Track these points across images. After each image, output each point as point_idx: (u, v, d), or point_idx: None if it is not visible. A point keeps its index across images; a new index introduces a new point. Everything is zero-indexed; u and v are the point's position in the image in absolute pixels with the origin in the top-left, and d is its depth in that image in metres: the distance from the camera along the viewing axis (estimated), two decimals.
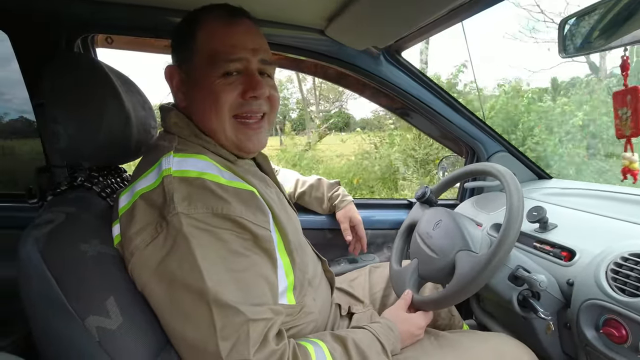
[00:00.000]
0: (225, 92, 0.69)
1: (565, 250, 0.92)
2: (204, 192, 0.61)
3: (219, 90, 0.68)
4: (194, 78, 0.71)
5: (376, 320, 0.82)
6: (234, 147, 0.73)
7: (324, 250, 1.03)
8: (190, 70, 0.71)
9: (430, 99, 1.33)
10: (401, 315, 0.84)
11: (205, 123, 0.71)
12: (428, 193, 1.09)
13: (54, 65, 0.70)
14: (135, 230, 0.59)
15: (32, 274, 0.57)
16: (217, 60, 0.68)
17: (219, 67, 0.68)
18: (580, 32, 0.80)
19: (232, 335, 0.55)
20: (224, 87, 0.69)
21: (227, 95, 0.69)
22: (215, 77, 0.68)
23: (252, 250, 0.62)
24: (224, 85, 0.69)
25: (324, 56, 1.23)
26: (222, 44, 0.69)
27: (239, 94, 0.70)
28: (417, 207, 1.13)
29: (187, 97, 0.73)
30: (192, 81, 0.71)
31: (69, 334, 0.55)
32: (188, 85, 0.72)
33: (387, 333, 0.76)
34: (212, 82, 0.68)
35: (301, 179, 1.30)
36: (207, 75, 0.69)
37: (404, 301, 0.88)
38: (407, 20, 0.96)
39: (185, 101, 0.73)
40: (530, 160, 1.47)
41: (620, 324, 0.73)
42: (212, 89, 0.68)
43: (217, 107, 0.69)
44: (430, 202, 1.10)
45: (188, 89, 0.73)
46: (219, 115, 0.70)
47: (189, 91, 0.72)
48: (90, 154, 0.73)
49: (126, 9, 1.03)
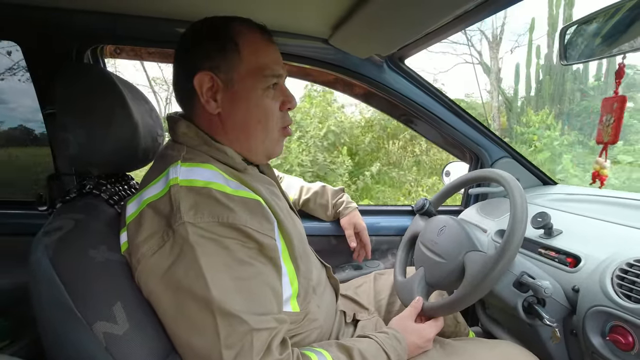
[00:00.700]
0: (271, 105, 0.74)
1: (570, 256, 0.92)
2: (210, 202, 0.61)
3: (267, 102, 0.73)
4: (236, 89, 0.71)
5: (383, 330, 0.80)
6: (264, 156, 0.78)
7: (328, 257, 1.04)
8: (232, 79, 0.71)
9: (434, 106, 1.34)
10: (410, 326, 0.83)
11: (240, 131, 0.73)
12: (427, 205, 1.09)
13: (65, 75, 0.72)
14: (142, 239, 0.60)
15: (42, 280, 0.58)
16: (266, 75, 0.72)
17: (266, 81, 0.72)
18: (581, 39, 0.81)
19: (236, 344, 0.55)
20: (269, 100, 0.73)
21: (273, 107, 0.74)
22: (261, 89, 0.72)
23: (257, 259, 0.63)
24: (269, 98, 0.73)
25: (328, 64, 1.25)
26: (268, 60, 0.73)
27: (278, 106, 0.75)
28: (417, 219, 1.12)
29: (222, 104, 0.72)
30: (232, 90, 0.71)
31: (77, 339, 0.56)
32: (225, 92, 0.71)
33: (394, 344, 0.75)
34: (258, 94, 0.72)
35: (305, 186, 1.31)
36: (253, 87, 0.71)
37: (414, 309, 0.86)
38: (410, 28, 0.97)
39: (219, 108, 0.72)
40: (535, 166, 1.47)
41: (627, 330, 0.72)
42: (259, 100, 0.72)
43: (265, 118, 0.73)
44: (429, 214, 1.10)
45: (225, 96, 0.71)
46: (265, 125, 0.74)
47: (227, 100, 0.71)
48: (99, 162, 0.74)
49: (135, 21, 1.05)
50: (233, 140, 0.74)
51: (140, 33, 1.10)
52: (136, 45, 1.16)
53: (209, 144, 0.72)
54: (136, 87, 0.85)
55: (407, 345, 0.77)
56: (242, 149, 0.75)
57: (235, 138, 0.74)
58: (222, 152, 0.72)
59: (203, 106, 0.71)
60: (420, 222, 1.09)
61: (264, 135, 0.75)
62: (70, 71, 0.73)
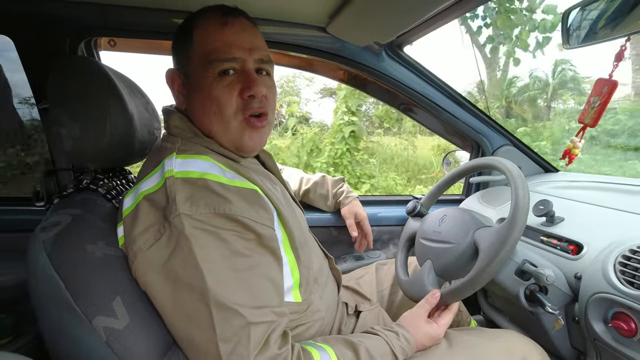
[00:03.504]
0: (224, 93, 0.68)
1: (572, 243, 0.92)
2: (206, 193, 0.61)
3: (218, 92, 0.68)
4: (192, 80, 0.71)
5: (393, 328, 0.76)
6: (234, 148, 0.73)
7: (329, 248, 1.03)
8: (189, 73, 0.71)
9: (434, 94, 1.33)
10: (422, 327, 0.78)
11: (206, 125, 0.71)
12: (418, 207, 1.08)
13: (58, 69, 0.70)
14: (139, 232, 0.60)
15: (40, 276, 0.58)
16: (212, 60, 0.67)
17: (214, 67, 0.67)
18: (585, 22, 0.79)
19: (233, 338, 0.55)
20: (223, 89, 0.68)
21: (226, 96, 0.68)
22: (211, 77, 0.68)
23: (256, 250, 0.62)
24: (222, 86, 0.68)
25: (326, 53, 1.23)
26: (217, 44, 0.68)
27: (237, 94, 0.69)
28: (411, 221, 1.11)
29: (187, 99, 0.73)
30: (190, 84, 0.71)
31: (77, 334, 0.56)
32: (187, 88, 0.72)
33: (404, 345, 0.73)
34: (209, 84, 0.68)
35: (305, 177, 1.30)
36: (204, 77, 0.68)
37: (428, 304, 0.81)
38: (408, 15, 0.96)
39: (186, 104, 0.74)
40: (536, 154, 1.46)
41: (630, 317, 0.72)
42: (211, 90, 0.68)
43: (220, 108, 0.68)
44: (421, 215, 1.08)
45: (188, 91, 0.72)
46: (222, 117, 0.69)
47: (189, 94, 0.72)
48: (95, 157, 0.74)
49: (129, 12, 1.04)
50: (208, 132, 0.72)
51: (134, 25, 1.08)
52: (131, 37, 1.14)
53: (199, 136, 0.71)
54: (132, 80, 0.84)
55: (415, 347, 0.76)
56: (219, 141, 0.72)
57: (205, 131, 0.72)
58: (212, 144, 0.71)
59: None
60: (415, 223, 1.07)
61: (222, 127, 0.70)
62: (63, 64, 0.72)
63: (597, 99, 0.72)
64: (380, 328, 0.76)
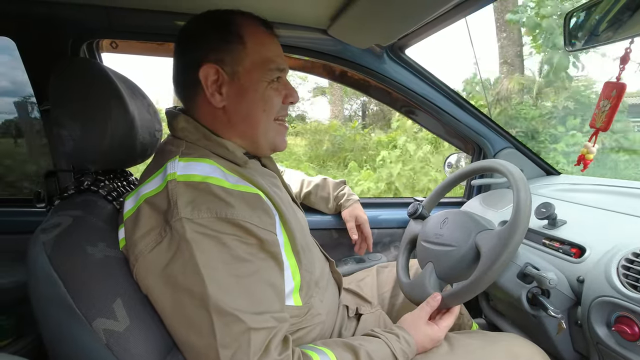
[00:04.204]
0: (275, 97, 0.74)
1: (575, 246, 0.91)
2: (209, 197, 0.60)
3: (271, 94, 0.73)
4: (241, 81, 0.71)
5: (393, 330, 0.76)
6: (268, 148, 0.78)
7: (330, 250, 1.03)
8: (238, 74, 0.71)
9: (435, 96, 1.32)
10: (422, 329, 0.78)
11: (245, 124, 0.73)
12: (420, 209, 1.07)
13: (59, 71, 0.70)
14: (140, 235, 0.60)
15: (40, 277, 0.57)
16: (272, 68, 0.72)
17: (271, 74, 0.72)
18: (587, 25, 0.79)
19: (233, 343, 0.54)
20: (274, 92, 0.73)
21: (276, 100, 0.74)
22: (266, 82, 0.72)
23: (257, 255, 0.62)
24: (274, 90, 0.73)
25: (327, 56, 1.23)
26: (273, 53, 0.73)
27: (281, 100, 0.75)
28: (412, 223, 1.10)
29: (227, 97, 0.71)
30: (239, 84, 0.71)
31: (77, 336, 0.56)
32: (231, 87, 0.71)
33: (404, 348, 0.72)
34: (264, 87, 0.72)
35: (307, 179, 1.30)
36: (258, 80, 0.72)
37: (429, 307, 0.81)
38: (410, 17, 0.96)
39: (224, 101, 0.71)
40: (538, 156, 1.45)
41: (633, 321, 0.71)
42: (265, 93, 0.72)
43: (268, 109, 0.73)
44: (422, 217, 1.08)
45: (230, 89, 0.71)
46: (268, 117, 0.74)
47: (232, 93, 0.71)
48: (96, 158, 0.74)
49: (132, 14, 1.04)
50: (239, 132, 0.74)
51: (137, 27, 1.09)
52: (133, 39, 1.15)
53: (209, 138, 0.71)
54: (133, 82, 0.84)
55: (415, 348, 0.75)
56: (247, 141, 0.75)
57: (242, 130, 0.74)
58: (222, 147, 0.71)
59: (206, 100, 0.71)
60: (417, 226, 1.07)
61: (267, 127, 0.75)
62: (65, 66, 0.72)
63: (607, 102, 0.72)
64: (380, 330, 0.75)
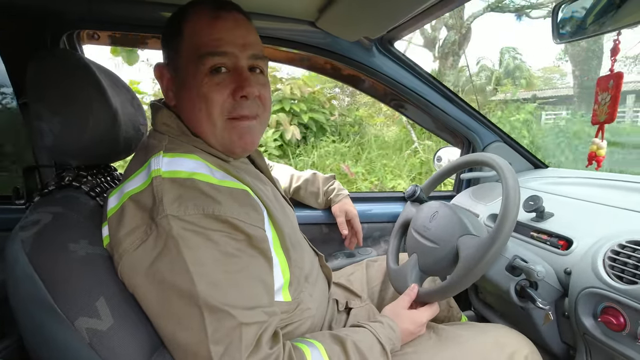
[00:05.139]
0: (214, 92, 0.65)
1: (562, 239, 0.92)
2: (195, 193, 0.59)
3: (208, 89, 0.65)
4: (181, 76, 0.68)
5: (377, 318, 0.79)
6: (223, 149, 0.70)
7: (320, 245, 1.03)
8: (178, 69, 0.68)
9: (424, 90, 1.32)
10: (403, 313, 0.82)
11: (194, 123, 0.68)
12: (418, 192, 1.09)
13: (38, 62, 0.68)
14: (125, 233, 0.58)
15: (19, 276, 0.55)
16: (202, 55, 0.64)
17: (205, 63, 0.64)
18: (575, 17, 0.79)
19: (224, 339, 0.54)
20: (213, 87, 0.65)
21: (217, 95, 0.65)
22: (202, 74, 0.65)
23: (246, 251, 0.61)
24: (212, 84, 0.65)
25: (315, 48, 1.21)
26: (207, 38, 0.65)
27: (229, 94, 0.66)
28: (409, 206, 1.12)
29: (176, 96, 0.70)
30: (180, 80, 0.69)
31: (59, 336, 0.54)
32: (177, 84, 0.69)
33: (389, 333, 0.74)
34: (200, 81, 0.65)
35: (296, 174, 1.29)
36: (194, 73, 0.65)
37: (408, 297, 0.85)
38: (398, 10, 0.95)
39: (175, 100, 0.71)
40: (526, 150, 1.47)
41: (618, 311, 0.72)
42: (201, 88, 0.65)
43: (208, 107, 0.65)
44: (420, 200, 1.10)
45: (177, 87, 0.70)
46: (209, 116, 0.66)
47: (178, 90, 0.69)
48: (78, 153, 0.71)
49: (113, 4, 1.01)
50: (199, 132, 0.69)
51: (119, 17, 1.06)
52: (115, 30, 1.11)
53: (187, 135, 0.69)
54: (116, 75, 0.81)
55: (400, 333, 0.77)
56: (208, 141, 0.69)
57: (194, 130, 0.69)
58: (201, 143, 0.69)
59: None
60: (412, 209, 1.09)
61: (210, 127, 0.67)
62: (44, 58, 0.69)
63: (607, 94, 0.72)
64: (365, 321, 0.77)
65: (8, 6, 0.95)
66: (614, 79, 0.70)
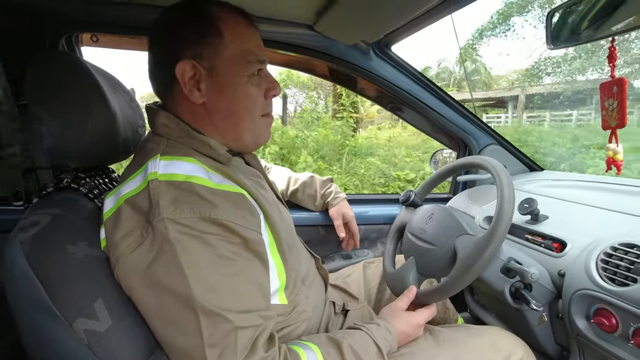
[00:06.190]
0: (256, 92, 0.72)
1: (556, 241, 0.93)
2: (192, 197, 0.59)
3: (252, 90, 0.71)
4: (220, 76, 0.68)
5: (374, 320, 0.79)
6: (253, 145, 0.77)
7: (317, 247, 1.03)
8: (215, 68, 0.68)
9: (421, 93, 1.33)
10: (400, 315, 0.82)
11: (228, 121, 0.71)
12: (412, 196, 1.09)
13: (37, 64, 0.68)
14: (121, 236, 0.58)
15: (18, 278, 0.56)
16: (251, 60, 0.70)
17: (251, 67, 0.70)
18: (569, 23, 0.80)
19: (220, 343, 0.54)
20: (254, 88, 0.71)
21: (258, 95, 0.72)
22: (245, 76, 0.70)
23: (242, 254, 0.61)
24: (254, 85, 0.71)
25: (313, 52, 1.22)
26: (251, 45, 0.71)
27: (263, 94, 0.73)
28: (404, 210, 1.12)
29: (206, 93, 0.69)
30: (217, 79, 0.68)
31: (57, 337, 0.54)
32: (209, 81, 0.68)
33: (385, 335, 0.74)
34: (244, 82, 0.70)
35: (293, 176, 1.29)
36: (238, 74, 0.69)
37: (407, 298, 0.85)
38: (396, 14, 0.96)
39: (204, 98, 0.69)
40: (522, 153, 1.48)
41: (611, 313, 0.73)
42: (245, 88, 0.70)
43: (251, 106, 0.72)
44: (414, 205, 1.10)
45: (209, 85, 0.68)
46: (252, 113, 0.72)
47: (212, 88, 0.69)
48: (76, 155, 0.71)
49: (115, 6, 1.01)
50: (221, 129, 0.71)
51: (119, 20, 1.06)
52: (114, 33, 1.11)
53: (192, 136, 0.69)
54: (115, 77, 0.82)
55: (397, 336, 0.77)
56: (230, 138, 0.73)
57: (224, 128, 0.72)
58: (205, 144, 0.69)
59: (185, 96, 0.68)
60: (407, 214, 1.09)
61: (251, 123, 0.73)
62: (43, 60, 0.70)
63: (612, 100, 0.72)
64: (362, 323, 0.77)
65: (7, 8, 0.96)
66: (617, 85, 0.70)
